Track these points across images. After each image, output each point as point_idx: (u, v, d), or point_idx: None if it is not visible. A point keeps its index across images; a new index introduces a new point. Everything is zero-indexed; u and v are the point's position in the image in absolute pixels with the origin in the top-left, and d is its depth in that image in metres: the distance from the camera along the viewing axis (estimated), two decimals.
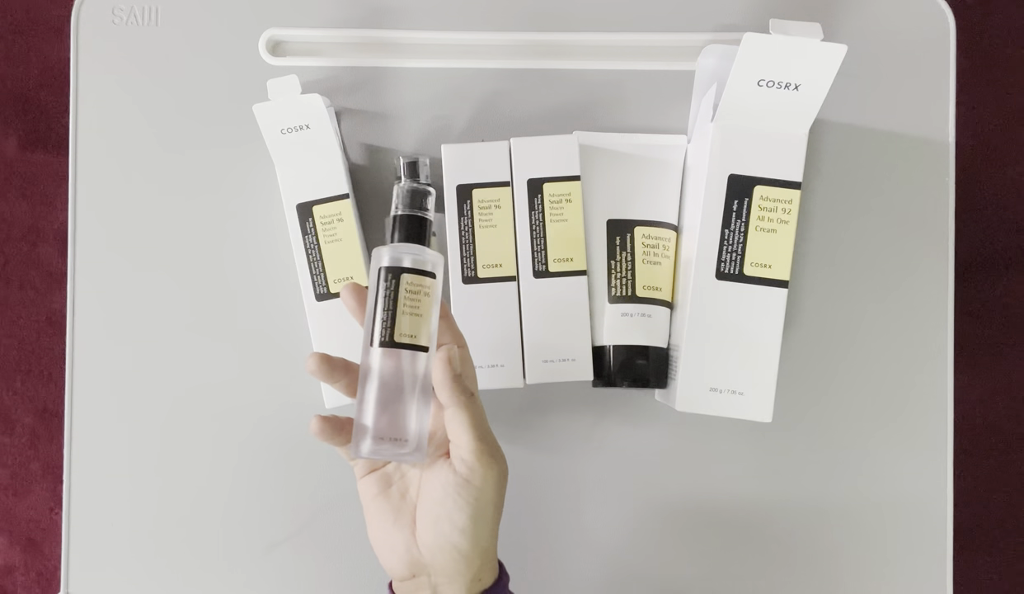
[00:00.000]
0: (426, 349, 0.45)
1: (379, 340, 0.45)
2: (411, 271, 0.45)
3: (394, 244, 0.46)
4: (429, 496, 0.45)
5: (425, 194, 0.47)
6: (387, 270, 0.45)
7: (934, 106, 0.59)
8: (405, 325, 0.45)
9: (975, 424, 1.06)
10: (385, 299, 0.45)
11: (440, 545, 0.45)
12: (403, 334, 0.44)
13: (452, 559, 0.45)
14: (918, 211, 0.59)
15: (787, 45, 0.50)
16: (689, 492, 0.59)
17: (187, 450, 0.58)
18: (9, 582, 1.05)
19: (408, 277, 0.45)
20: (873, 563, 0.58)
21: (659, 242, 0.57)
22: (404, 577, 0.46)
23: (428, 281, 0.45)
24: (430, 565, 0.45)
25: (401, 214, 0.46)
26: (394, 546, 0.46)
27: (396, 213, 0.46)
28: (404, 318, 0.45)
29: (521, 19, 0.59)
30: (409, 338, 0.44)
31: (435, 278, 0.46)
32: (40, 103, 1.06)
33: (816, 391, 0.59)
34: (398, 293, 0.45)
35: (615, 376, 0.56)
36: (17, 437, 1.05)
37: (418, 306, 0.45)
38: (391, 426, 0.44)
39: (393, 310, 0.45)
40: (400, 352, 0.45)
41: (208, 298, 0.58)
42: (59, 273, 1.05)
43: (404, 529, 0.46)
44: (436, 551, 0.45)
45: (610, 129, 0.59)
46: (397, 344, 0.45)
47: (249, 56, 0.59)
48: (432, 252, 0.46)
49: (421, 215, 0.46)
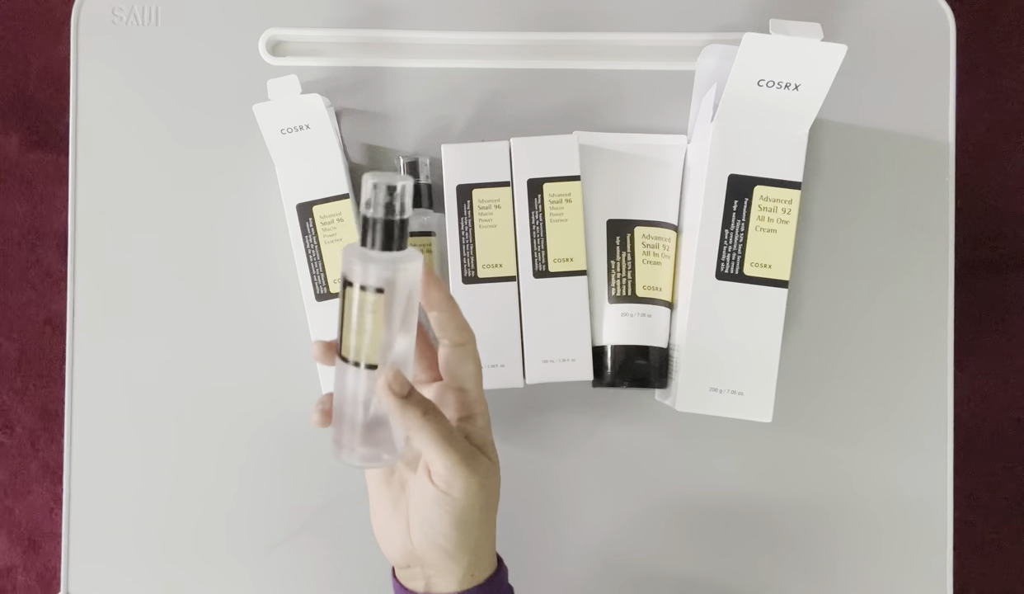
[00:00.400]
0: (375, 367, 0.42)
1: (337, 351, 0.43)
2: (351, 285, 0.42)
3: (351, 246, 0.42)
4: (414, 499, 0.45)
5: (392, 189, 0.41)
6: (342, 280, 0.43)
7: (934, 106, 0.59)
8: (349, 341, 0.42)
9: (975, 424, 1.06)
10: (339, 309, 0.43)
11: (427, 544, 0.45)
12: (348, 349, 0.42)
13: (439, 557, 0.45)
14: (918, 211, 0.59)
15: (787, 45, 0.50)
16: (689, 492, 0.59)
17: (187, 449, 0.58)
18: (9, 582, 1.05)
19: (350, 291, 0.42)
20: (873, 563, 0.58)
21: (659, 242, 0.57)
22: (400, 565, 0.47)
23: (372, 298, 0.41)
24: (421, 559, 0.46)
25: (364, 215, 0.41)
26: (391, 536, 0.47)
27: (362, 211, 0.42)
28: (349, 335, 0.42)
29: (521, 19, 0.59)
30: (352, 354, 0.42)
31: (379, 292, 0.41)
32: (40, 103, 1.06)
33: (816, 391, 0.59)
34: (343, 308, 0.42)
35: (615, 376, 0.56)
36: (17, 437, 1.05)
37: (362, 322, 0.42)
38: (340, 433, 0.44)
39: (339, 325, 0.43)
40: (346, 367, 0.43)
41: (208, 298, 0.58)
42: (59, 273, 1.05)
43: (401, 520, 0.46)
44: (425, 548, 0.45)
45: (610, 129, 0.59)
46: (343, 358, 0.43)
47: (249, 56, 0.59)
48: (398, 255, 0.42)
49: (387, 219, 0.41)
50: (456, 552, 0.45)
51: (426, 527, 0.44)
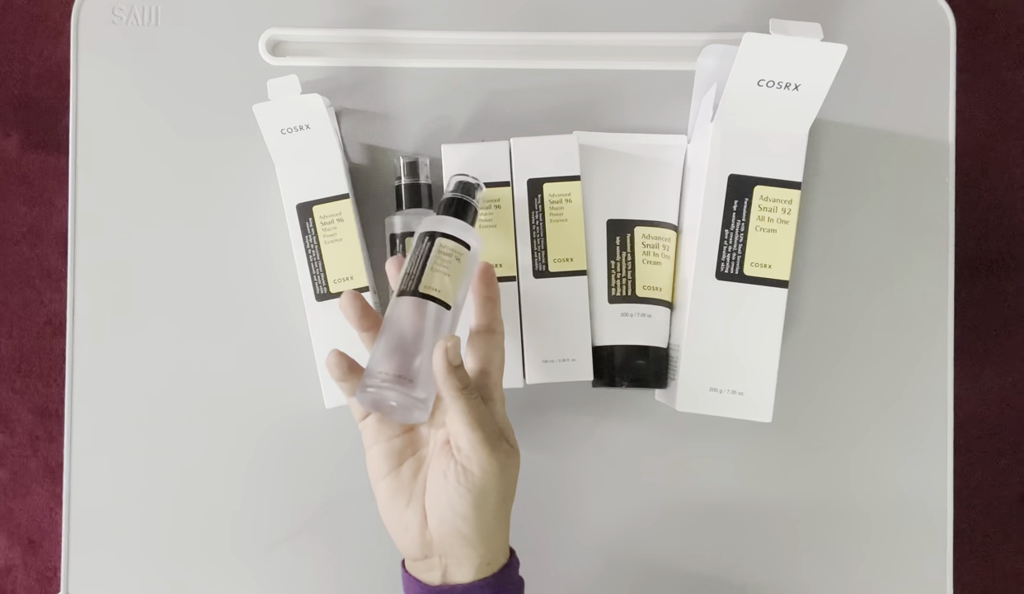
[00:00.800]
0: (449, 307, 0.47)
1: (406, 290, 0.47)
2: (446, 235, 0.48)
3: (438, 216, 0.50)
4: (433, 481, 0.46)
5: (475, 187, 0.52)
6: (425, 234, 0.49)
7: (934, 106, 0.59)
8: (432, 280, 0.47)
9: (975, 424, 1.06)
10: (416, 256, 0.47)
11: (445, 530, 0.45)
12: (429, 287, 0.47)
13: (457, 543, 0.45)
14: (918, 211, 0.59)
15: (787, 45, 0.50)
16: (689, 492, 0.59)
17: (187, 449, 0.58)
18: (9, 582, 1.05)
19: (442, 240, 0.48)
20: (873, 563, 0.58)
21: (659, 242, 0.57)
22: (417, 557, 0.47)
23: (461, 248, 0.48)
24: (439, 547, 0.46)
25: (448, 197, 0.51)
26: (407, 527, 0.47)
27: (445, 196, 0.51)
28: (432, 274, 0.47)
29: (521, 19, 0.59)
30: (434, 292, 0.46)
31: (469, 248, 0.48)
32: (40, 103, 1.06)
33: (816, 391, 0.59)
34: (431, 252, 0.48)
35: (615, 376, 0.56)
36: (17, 437, 1.05)
37: (448, 267, 0.47)
38: (402, 366, 0.45)
39: (423, 265, 0.47)
40: (424, 303, 0.46)
41: (208, 297, 0.58)
42: (59, 273, 1.05)
43: (418, 511, 0.46)
44: (443, 535, 0.45)
45: (610, 129, 0.59)
46: (421, 294, 0.46)
47: (249, 56, 0.59)
48: (474, 232, 0.50)
49: (466, 200, 0.51)
50: (474, 537, 0.45)
51: (444, 510, 0.45)
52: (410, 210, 0.56)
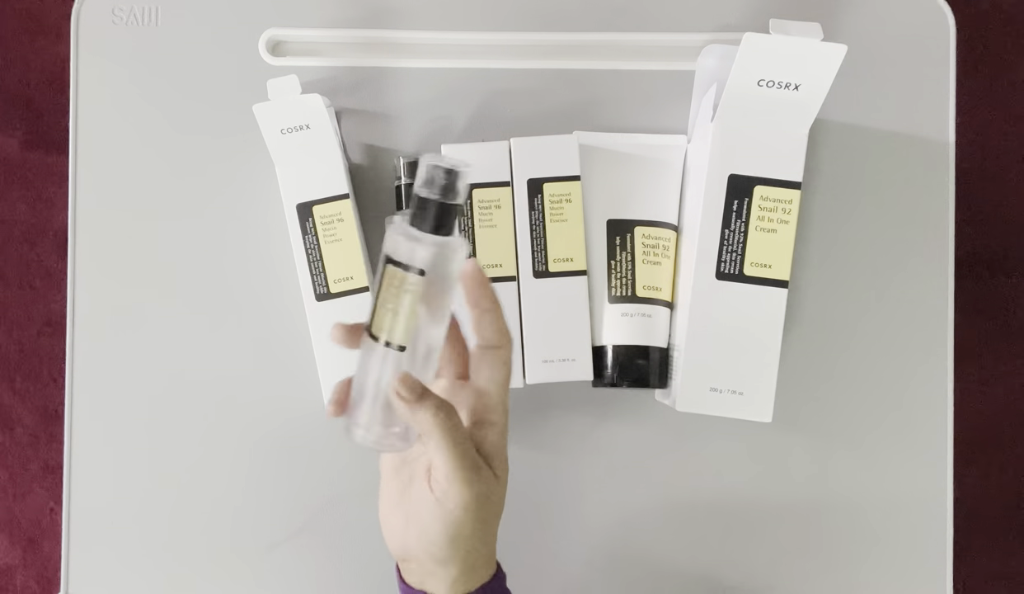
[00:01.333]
0: (403, 349, 0.42)
1: (365, 326, 0.43)
2: (389, 261, 0.41)
3: (398, 223, 0.41)
4: (414, 498, 0.45)
5: (449, 174, 0.40)
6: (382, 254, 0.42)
7: (934, 106, 0.59)
8: (382, 319, 0.41)
9: (975, 424, 1.06)
10: (374, 284, 0.42)
11: (419, 547, 0.45)
12: (379, 328, 0.42)
13: (429, 561, 0.45)
14: (918, 211, 0.59)
15: (787, 45, 0.50)
16: (689, 492, 0.59)
17: (188, 449, 0.58)
18: (9, 582, 1.05)
19: (389, 267, 0.41)
20: (873, 563, 0.58)
21: (659, 242, 0.57)
22: (399, 558, 0.47)
23: (408, 277, 0.40)
24: (415, 558, 0.45)
25: (414, 193, 0.41)
26: (392, 527, 0.46)
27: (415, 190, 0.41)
28: (381, 311, 0.41)
29: (521, 19, 0.59)
30: (383, 333, 0.42)
31: (423, 274, 0.41)
32: (40, 103, 1.06)
33: (816, 391, 0.59)
34: (381, 281, 0.41)
35: (615, 376, 0.56)
36: (17, 437, 1.05)
37: (394, 301, 0.41)
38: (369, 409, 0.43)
39: (374, 297, 0.42)
40: (375, 345, 0.42)
41: (208, 298, 0.58)
42: (59, 273, 1.05)
43: (402, 514, 0.46)
44: (417, 549, 0.45)
45: (610, 129, 0.59)
46: (372, 335, 0.42)
47: (249, 56, 0.59)
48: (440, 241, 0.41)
49: (432, 199, 0.40)
50: (446, 560, 0.44)
51: (420, 530, 0.44)
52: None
